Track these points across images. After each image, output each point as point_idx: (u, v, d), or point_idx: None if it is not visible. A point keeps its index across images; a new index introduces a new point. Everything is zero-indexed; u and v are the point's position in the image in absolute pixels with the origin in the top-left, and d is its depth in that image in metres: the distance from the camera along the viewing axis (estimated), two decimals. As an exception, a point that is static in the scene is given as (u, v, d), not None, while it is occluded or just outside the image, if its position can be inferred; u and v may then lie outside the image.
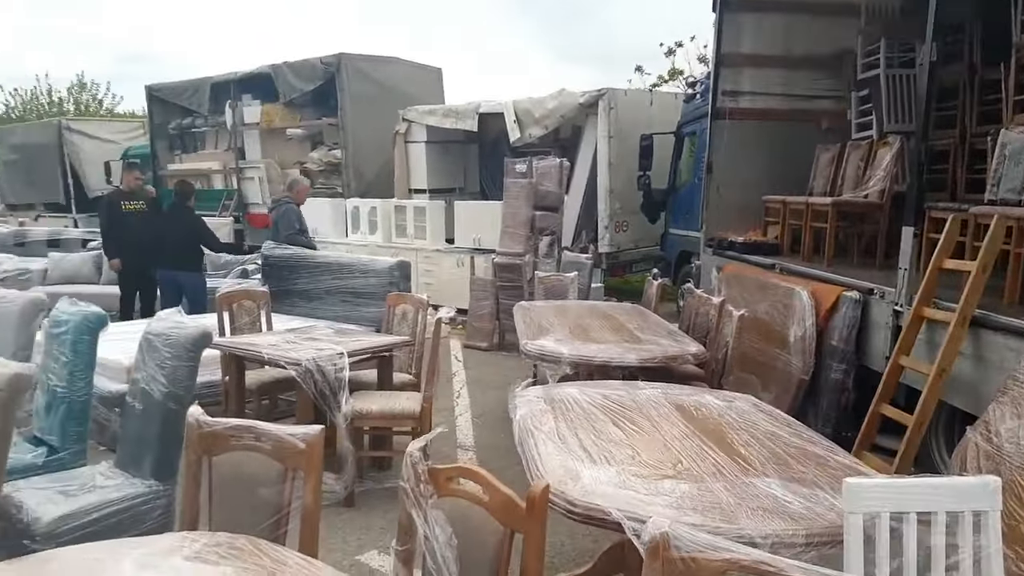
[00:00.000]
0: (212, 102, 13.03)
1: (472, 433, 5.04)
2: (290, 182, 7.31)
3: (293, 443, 1.93)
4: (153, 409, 2.86)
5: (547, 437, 2.52)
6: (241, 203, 12.88)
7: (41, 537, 2.48)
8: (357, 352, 4.03)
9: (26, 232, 11.63)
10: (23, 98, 26.43)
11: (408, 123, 10.65)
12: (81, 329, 3.15)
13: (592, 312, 5.13)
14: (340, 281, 6.32)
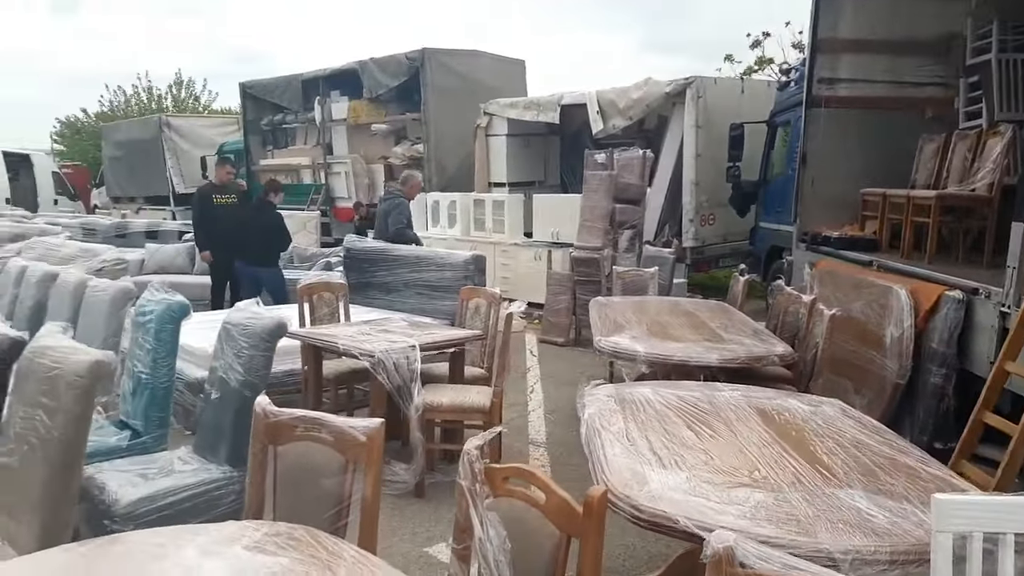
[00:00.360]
0: (302, 99, 13.43)
1: (544, 429, 4.98)
2: (403, 177, 7.40)
3: (354, 435, 1.91)
4: (229, 397, 2.93)
5: (615, 438, 2.43)
6: (328, 197, 13.22)
7: (120, 518, 2.57)
8: (429, 345, 4.03)
9: (127, 224, 12.26)
10: (125, 96, 27.95)
11: (489, 116, 10.66)
12: (164, 318, 3.26)
13: (673, 309, 4.98)
14: (417, 274, 6.37)
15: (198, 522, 2.73)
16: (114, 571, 1.55)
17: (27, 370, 2.29)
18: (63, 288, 4.13)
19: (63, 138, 30.17)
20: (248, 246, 6.90)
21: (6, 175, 16.67)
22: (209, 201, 7.29)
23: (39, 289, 4.32)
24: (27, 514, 2.18)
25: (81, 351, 2.25)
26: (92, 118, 28.56)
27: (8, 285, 4.67)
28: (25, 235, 9.46)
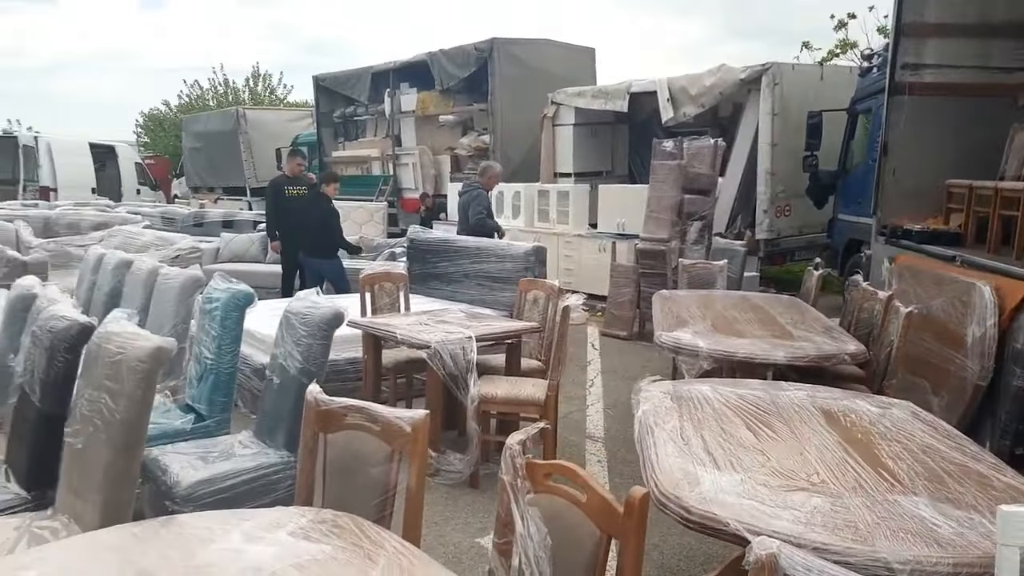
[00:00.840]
0: (372, 91, 13.63)
1: (602, 424, 4.92)
2: (482, 168, 7.47)
3: (400, 425, 1.91)
4: (288, 383, 2.99)
5: (669, 437, 2.37)
6: (396, 188, 13.40)
7: (180, 499, 2.66)
8: (485, 336, 4.03)
9: (204, 213, 12.69)
10: (201, 89, 28.98)
11: (556, 106, 10.59)
12: (229, 306, 3.36)
13: (741, 303, 4.84)
14: (478, 265, 6.38)
15: (254, 506, 2.81)
16: (162, 552, 1.59)
17: (94, 355, 2.38)
18: (137, 276, 4.30)
19: (146, 130, 31.54)
20: (307, 237, 7.04)
21: (92, 166, 17.49)
22: (281, 193, 7.45)
23: (115, 276, 4.51)
24: (91, 493, 2.27)
25: (143, 337, 2.32)
26: (173, 111, 29.74)
27: (87, 272, 4.90)
28: (108, 223, 9.96)
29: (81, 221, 10.23)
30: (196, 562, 1.55)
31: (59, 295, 3.03)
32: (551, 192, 9.78)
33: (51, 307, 2.75)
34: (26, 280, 3.39)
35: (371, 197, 13.20)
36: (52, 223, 10.12)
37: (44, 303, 2.91)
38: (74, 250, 8.39)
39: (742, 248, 6.94)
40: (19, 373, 2.72)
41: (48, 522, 2.31)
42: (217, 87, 28.82)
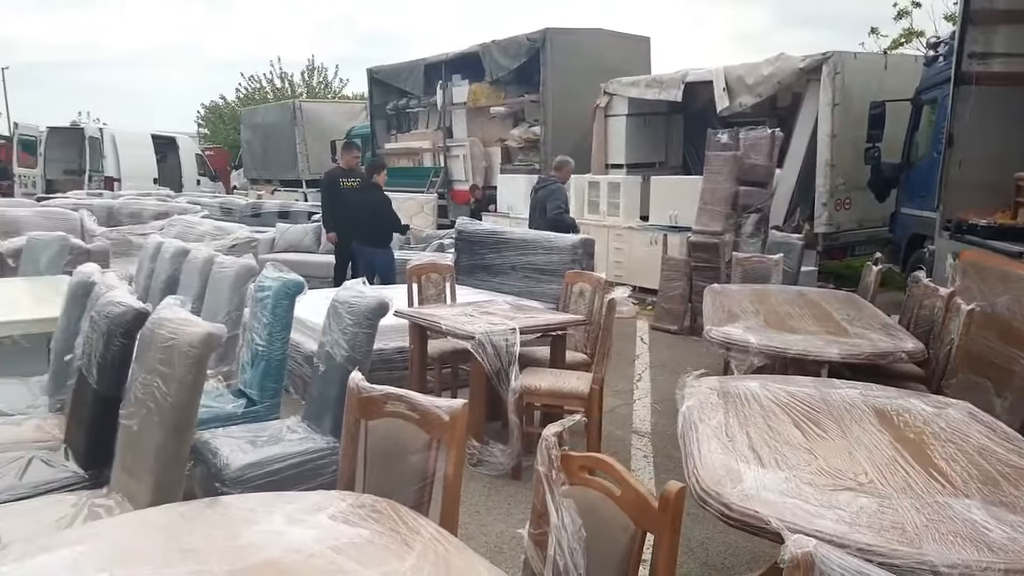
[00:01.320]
0: (425, 83, 13.72)
1: (649, 419, 4.88)
2: (557, 162, 7.47)
3: (438, 414, 1.93)
4: (334, 371, 3.04)
5: (713, 433, 2.34)
6: (446, 180, 13.48)
7: (229, 481, 2.73)
8: (529, 328, 4.03)
9: (261, 204, 12.98)
10: (260, 83, 29.58)
11: (609, 96, 10.48)
12: (280, 294, 3.43)
13: (796, 299, 4.73)
14: (524, 257, 6.39)
15: (301, 489, 2.87)
16: (208, 532, 1.64)
17: (148, 340, 2.46)
18: (193, 264, 4.42)
19: (207, 122, 32.37)
20: (360, 227, 7.12)
21: (154, 157, 18.06)
22: (336, 185, 7.56)
23: (172, 264, 4.65)
24: (143, 473, 2.35)
25: (194, 323, 2.39)
26: (231, 104, 30.45)
27: (146, 260, 5.06)
28: (168, 213, 10.24)
29: (143, 211, 10.55)
30: (240, 542, 1.59)
31: (117, 281, 3.14)
32: (602, 183, 9.70)
33: (109, 293, 2.85)
34: (87, 267, 3.52)
35: (422, 189, 13.31)
36: (115, 212, 10.46)
37: (103, 289, 3.01)
38: (135, 238, 8.66)
39: (799, 242, 6.76)
40: (78, 356, 2.83)
41: (103, 500, 2.40)
42: (275, 80, 29.42)
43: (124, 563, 1.50)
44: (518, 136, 12.00)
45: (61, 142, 18.41)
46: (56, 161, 18.47)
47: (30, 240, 5.39)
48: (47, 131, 18.50)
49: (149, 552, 1.55)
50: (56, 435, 2.99)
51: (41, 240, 5.35)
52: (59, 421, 3.14)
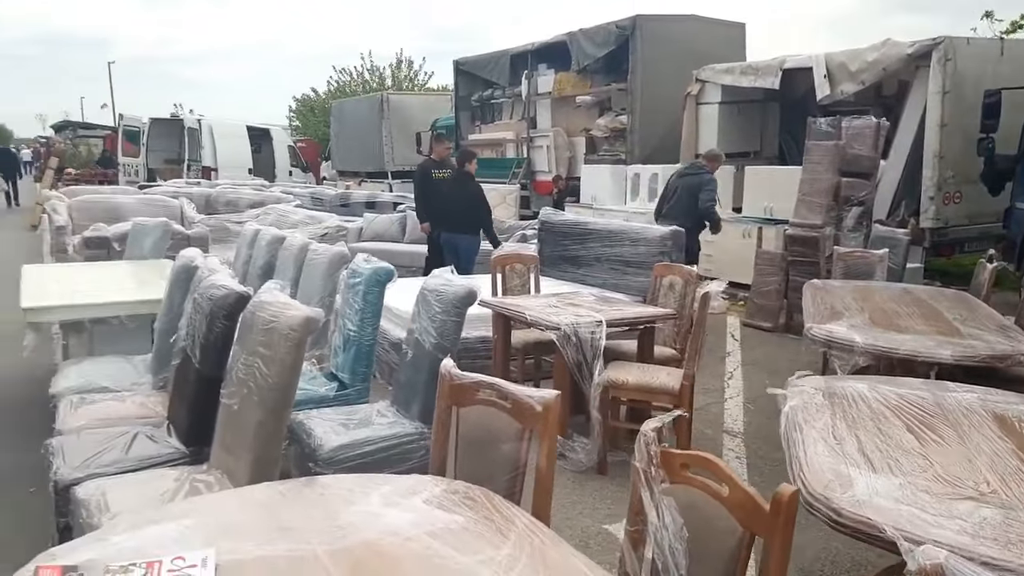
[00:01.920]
0: (510, 73, 13.72)
1: (742, 419, 4.73)
2: (709, 153, 7.39)
3: (531, 404, 1.90)
4: (423, 358, 3.06)
5: (819, 435, 2.23)
6: (529, 171, 13.46)
7: (322, 462, 2.79)
8: (616, 321, 3.96)
9: (349, 195, 13.31)
10: (351, 76, 30.27)
11: (701, 83, 10.21)
12: (371, 281, 3.48)
13: (903, 297, 4.49)
14: (610, 248, 6.30)
15: (390, 472, 2.91)
16: (306, 511, 1.66)
17: (249, 322, 2.53)
18: (288, 251, 4.55)
19: (298, 114, 33.40)
20: (451, 217, 7.17)
21: (250, 147, 18.73)
22: (429, 176, 7.63)
23: (268, 251, 4.80)
24: (242, 450, 2.42)
25: (294, 307, 2.44)
26: (322, 96, 31.31)
27: (243, 246, 5.24)
28: (263, 202, 10.62)
29: (239, 199, 10.97)
30: (338, 522, 1.61)
31: (218, 266, 3.25)
32: (690, 175, 9.44)
33: (211, 277, 2.95)
34: (189, 252, 3.66)
35: (504, 180, 13.34)
36: (213, 200, 10.91)
37: (205, 273, 3.12)
38: (232, 226, 9.01)
39: (905, 237, 6.40)
40: (182, 337, 2.94)
41: (204, 475, 2.49)
42: (364, 73, 30.06)
43: (227, 537, 1.53)
44: (604, 125, 11.85)
45: (162, 133, 19.36)
46: (157, 151, 19.46)
47: (135, 225, 5.68)
48: (149, 122, 19.48)
49: (251, 528, 1.58)
50: (159, 412, 3.13)
51: (145, 225, 5.63)
52: (162, 399, 3.28)
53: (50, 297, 4.12)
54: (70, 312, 3.98)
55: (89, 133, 27.01)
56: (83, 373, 3.59)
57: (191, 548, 1.47)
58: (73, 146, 25.52)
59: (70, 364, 3.74)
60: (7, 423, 4.36)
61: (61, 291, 4.36)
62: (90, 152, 25.00)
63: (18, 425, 4.30)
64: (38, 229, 14.08)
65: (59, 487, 2.48)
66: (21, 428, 4.24)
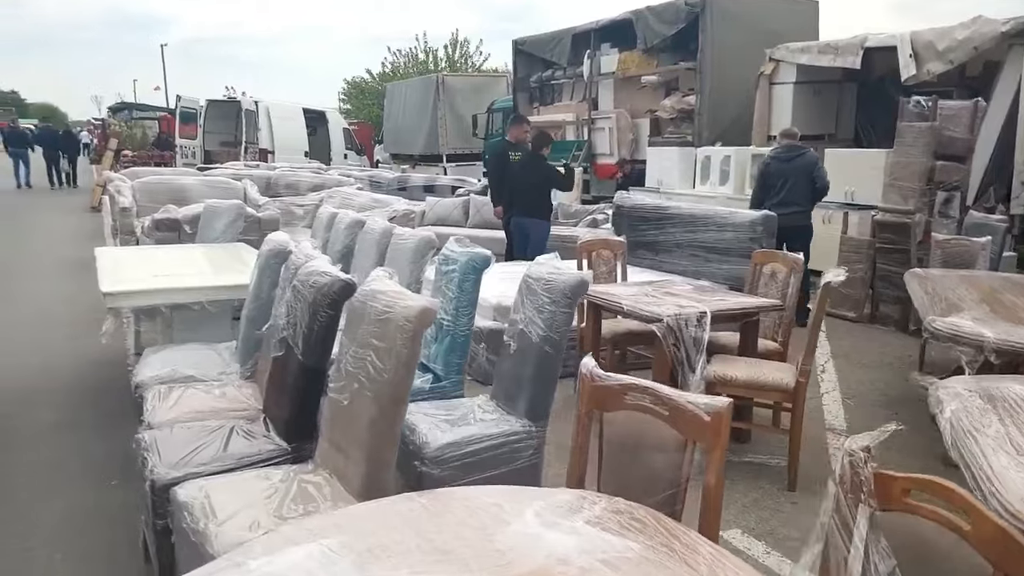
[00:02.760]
0: (571, 53, 13.41)
1: (843, 415, 4.45)
2: (790, 131, 6.86)
3: (695, 412, 1.69)
4: (529, 351, 2.87)
5: (996, 444, 1.98)
6: (589, 153, 13.16)
7: (429, 460, 2.62)
8: (721, 313, 3.72)
9: (407, 178, 13.19)
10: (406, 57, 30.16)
11: (775, 63, 9.80)
12: (468, 269, 3.29)
13: (1014, 286, 4.17)
14: (693, 234, 6.04)
15: (498, 473, 2.74)
16: (457, 530, 1.48)
17: (359, 312, 2.37)
18: (369, 235, 4.39)
19: (349, 98, 33.45)
20: (524, 200, 6.97)
21: (306, 130, 18.73)
22: (505, 158, 7.42)
23: (347, 235, 4.65)
24: (354, 449, 2.26)
25: (409, 296, 2.26)
26: (375, 78, 31.29)
27: (320, 229, 5.11)
28: (324, 185, 10.54)
29: (299, 182, 10.91)
30: (496, 545, 1.42)
31: (313, 251, 3.09)
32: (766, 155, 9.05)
33: (311, 263, 2.79)
34: (278, 235, 3.53)
35: (564, 162, 13.06)
36: (273, 183, 10.86)
37: (300, 259, 2.97)
38: (295, 208, 8.95)
39: (1001, 224, 6.01)
40: (280, 327, 2.79)
41: (311, 475, 2.34)
42: (419, 54, 29.92)
43: (379, 562, 1.36)
44: (670, 107, 11.48)
45: (219, 115, 19.42)
46: (214, 133, 19.53)
47: (207, 208, 5.58)
48: (206, 104, 19.57)
49: (403, 550, 1.41)
50: (252, 404, 3.00)
51: (217, 208, 5.53)
52: (253, 390, 3.16)
53: (129, 281, 4.03)
54: (151, 297, 3.88)
55: (145, 115, 27.42)
56: (167, 361, 3.48)
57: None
58: (128, 128, 25.96)
59: (152, 352, 3.64)
60: (84, 411, 4.31)
61: (139, 275, 4.27)
62: (144, 134, 25.38)
63: (95, 414, 4.25)
64: (99, 210, 14.30)
65: (156, 487, 2.36)
66: (99, 416, 4.19)
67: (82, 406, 4.38)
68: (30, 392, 4.62)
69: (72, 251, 9.83)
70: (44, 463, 3.65)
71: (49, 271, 8.70)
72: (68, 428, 4.05)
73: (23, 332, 6.02)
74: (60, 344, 5.61)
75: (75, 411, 4.30)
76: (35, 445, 3.85)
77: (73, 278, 7.76)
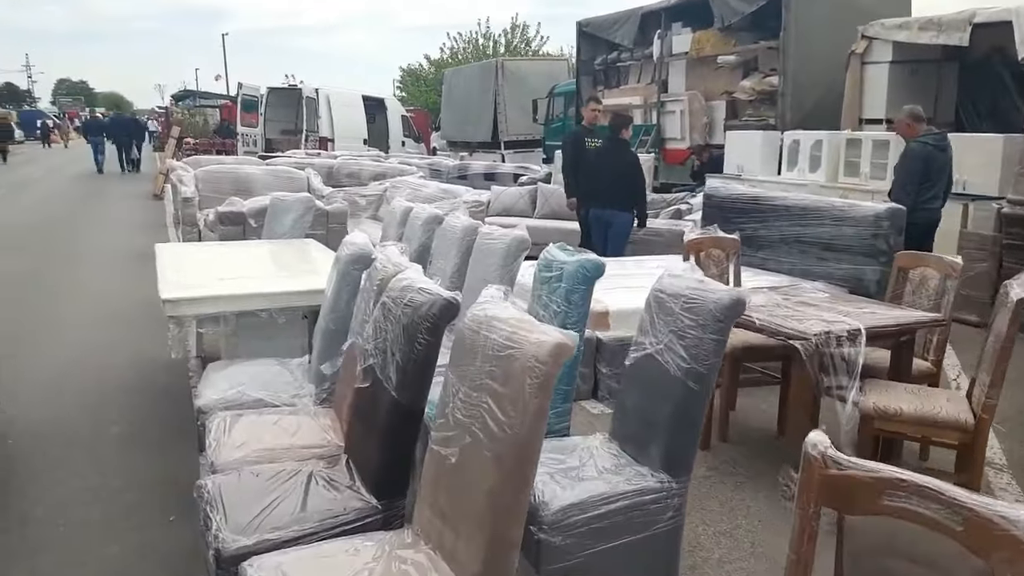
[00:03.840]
0: (639, 34, 12.74)
1: (998, 445, 3.79)
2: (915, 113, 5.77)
3: (1005, 527, 1.13)
4: (666, 385, 2.33)
5: None
6: (658, 138, 12.48)
7: (547, 525, 2.11)
8: (879, 329, 3.11)
9: (468, 166, 12.72)
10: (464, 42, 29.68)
11: (868, 40, 8.99)
12: (577, 278, 2.76)
13: None
14: (802, 228, 5.38)
15: (630, 540, 2.21)
16: None
17: (471, 344, 1.86)
18: (450, 233, 3.90)
19: (405, 85, 33.15)
20: (605, 188, 6.39)
21: (365, 118, 18.40)
22: (581, 145, 6.85)
23: (424, 232, 4.17)
24: (468, 525, 1.76)
25: (537, 328, 1.75)
26: (432, 65, 30.91)
27: (392, 225, 4.64)
28: (385, 174, 10.13)
29: (361, 171, 10.54)
30: None
31: (399, 256, 2.60)
32: (864, 142, 8.27)
33: (403, 275, 2.30)
34: (357, 237, 3.05)
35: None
36: (335, 172, 10.52)
37: (387, 268, 2.49)
38: (359, 199, 8.55)
39: None
40: (367, 351, 2.31)
41: (411, 553, 1.86)
42: (479, 39, 29.43)
43: None
44: (749, 88, 10.72)
45: (279, 102, 19.24)
46: (274, 120, 19.35)
47: (274, 201, 5.15)
48: (267, 92, 19.38)
49: None
50: (332, 440, 2.54)
51: (285, 201, 5.09)
52: (331, 419, 2.70)
53: (191, 287, 3.59)
54: (215, 304, 3.44)
55: (207, 103, 27.58)
56: (232, 380, 3.05)
57: None
58: (190, 116, 26.11)
59: (215, 370, 3.21)
60: (145, 425, 3.94)
61: (201, 278, 3.86)
62: (206, 122, 25.51)
63: (156, 428, 3.87)
64: (162, 199, 14.23)
65: (222, 558, 1.90)
66: (160, 432, 3.81)
67: (143, 419, 4.00)
68: (91, 396, 4.31)
69: (136, 241, 9.65)
70: (101, 490, 3.26)
71: (112, 263, 8.51)
72: (128, 444, 3.70)
73: (84, 330, 5.75)
74: (121, 342, 5.32)
75: (135, 424, 3.94)
76: (96, 463, 3.48)
77: (135, 271, 7.50)
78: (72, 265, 8.35)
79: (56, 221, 11.97)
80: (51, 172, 22.58)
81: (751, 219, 5.71)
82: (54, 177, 20.82)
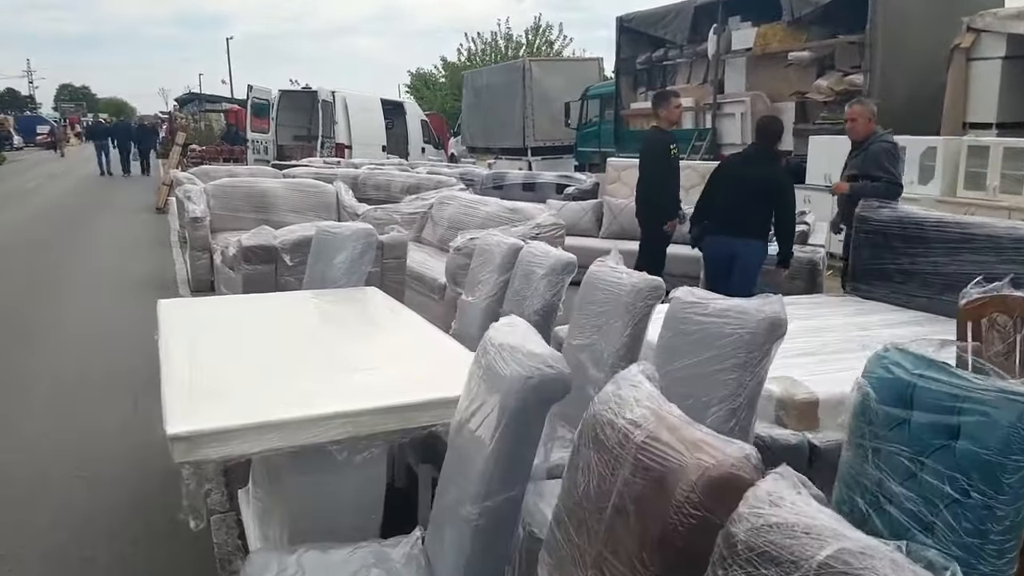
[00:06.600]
0: (690, 29, 11.64)
1: None
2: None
3: None
4: None
5: None
6: (713, 144, 11.34)
7: None
8: None
9: (503, 175, 11.52)
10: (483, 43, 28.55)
11: (976, 33, 7.88)
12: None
13: None
14: (969, 256, 4.16)
15: None
16: None
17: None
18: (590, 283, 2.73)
19: (413, 89, 31.99)
20: (732, 212, 4.96)
21: (384, 123, 17.20)
22: (665, 153, 5.59)
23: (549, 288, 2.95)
24: None
25: None
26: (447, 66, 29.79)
27: (493, 271, 3.36)
28: (420, 186, 8.87)
29: (389, 182, 9.31)
30: None
31: (538, 342, 1.44)
32: (992, 149, 7.12)
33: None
34: (512, 318, 1.88)
35: (682, 155, 11.23)
36: (360, 184, 9.29)
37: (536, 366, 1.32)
38: (395, 216, 7.32)
39: None
40: None
41: None
42: (499, 40, 28.32)
43: None
44: (826, 87, 9.58)
45: (292, 106, 17.94)
46: (286, 126, 18.06)
47: (321, 235, 3.89)
48: (279, 95, 18.06)
49: None
50: None
51: (336, 236, 3.80)
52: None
53: (214, 413, 2.02)
54: (253, 441, 1.96)
55: (214, 107, 26.45)
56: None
57: None
58: (195, 120, 24.96)
59: (260, 554, 2.00)
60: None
61: (230, 377, 2.38)
62: (210, 127, 24.28)
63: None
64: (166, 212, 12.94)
65: None
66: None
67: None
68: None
69: (135, 267, 8.47)
70: None
71: (104, 295, 7.22)
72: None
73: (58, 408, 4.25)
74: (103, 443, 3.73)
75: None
76: None
77: (132, 308, 6.12)
78: (56, 298, 7.03)
79: (45, 238, 10.69)
80: (52, 178, 21.51)
81: (933, 251, 4.44)
82: (54, 184, 19.70)
